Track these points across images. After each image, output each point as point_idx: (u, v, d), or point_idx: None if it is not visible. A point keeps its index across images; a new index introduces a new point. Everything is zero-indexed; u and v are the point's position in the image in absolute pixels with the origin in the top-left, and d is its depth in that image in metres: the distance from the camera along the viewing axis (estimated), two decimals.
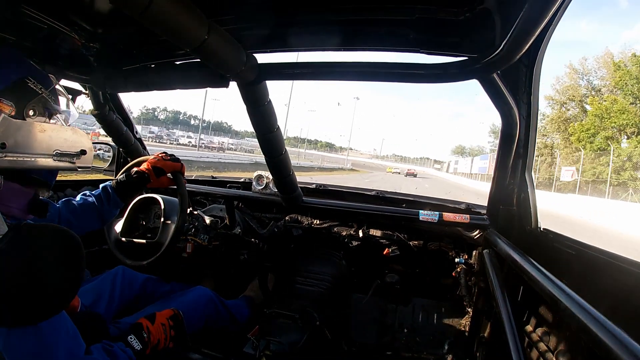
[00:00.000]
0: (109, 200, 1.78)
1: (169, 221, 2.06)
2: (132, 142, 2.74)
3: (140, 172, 1.86)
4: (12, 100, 1.05)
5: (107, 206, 1.77)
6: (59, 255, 1.00)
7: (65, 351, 1.05)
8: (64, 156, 1.17)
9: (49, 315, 0.98)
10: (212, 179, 3.08)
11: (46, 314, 0.98)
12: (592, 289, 1.30)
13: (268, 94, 1.81)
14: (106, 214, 1.79)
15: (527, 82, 1.54)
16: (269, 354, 1.64)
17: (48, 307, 0.98)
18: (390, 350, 2.52)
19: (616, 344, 0.75)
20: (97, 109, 2.46)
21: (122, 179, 1.83)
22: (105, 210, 1.77)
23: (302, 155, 70.44)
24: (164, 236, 2.00)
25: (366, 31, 1.44)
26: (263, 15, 1.42)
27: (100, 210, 1.75)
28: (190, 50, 1.26)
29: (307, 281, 2.47)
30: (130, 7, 1.02)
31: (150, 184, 1.89)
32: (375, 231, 2.51)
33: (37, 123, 1.09)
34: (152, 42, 1.76)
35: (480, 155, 64.60)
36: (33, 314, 0.94)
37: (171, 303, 1.87)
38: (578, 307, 0.94)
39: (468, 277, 2.31)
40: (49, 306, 0.98)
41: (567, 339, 1.36)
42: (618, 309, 1.17)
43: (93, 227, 1.76)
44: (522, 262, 1.39)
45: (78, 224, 1.66)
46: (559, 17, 1.23)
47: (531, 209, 1.72)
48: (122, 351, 1.31)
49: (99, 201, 1.75)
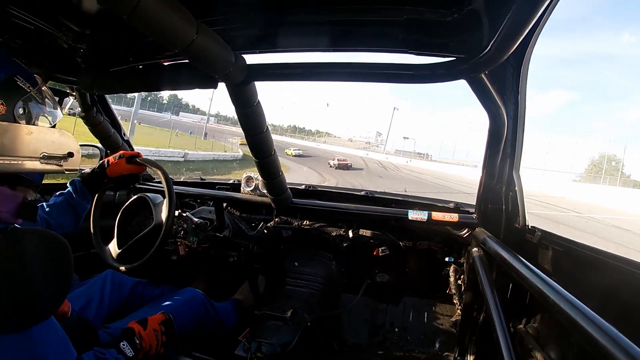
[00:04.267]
0: (77, 191, 1.88)
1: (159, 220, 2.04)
2: (120, 144, 2.72)
3: (101, 163, 1.99)
4: (2, 99, 1.04)
5: (78, 198, 1.87)
6: (47, 260, 0.98)
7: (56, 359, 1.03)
8: (51, 159, 1.15)
9: (37, 321, 0.96)
10: (200, 180, 3.07)
11: (35, 320, 0.96)
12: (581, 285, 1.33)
13: (257, 94, 1.81)
14: (78, 207, 1.87)
15: (515, 82, 1.56)
16: (261, 356, 1.64)
17: (37, 312, 0.96)
18: (381, 350, 2.53)
19: (605, 339, 0.77)
20: (85, 111, 2.44)
21: (87, 172, 1.96)
22: (77, 202, 1.86)
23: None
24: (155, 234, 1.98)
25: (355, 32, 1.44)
26: (252, 15, 1.42)
27: (72, 203, 1.84)
28: (179, 51, 1.25)
29: (297, 282, 2.47)
30: (119, 8, 1.01)
31: (109, 167, 1.97)
32: (365, 231, 2.52)
33: (23, 125, 1.08)
34: (140, 43, 1.75)
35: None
36: (21, 319, 0.93)
37: (161, 306, 1.86)
38: (567, 303, 0.96)
39: (457, 275, 2.33)
40: (38, 311, 0.96)
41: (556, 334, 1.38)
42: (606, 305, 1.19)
43: (70, 223, 1.84)
44: (511, 259, 1.41)
45: (54, 222, 1.75)
46: (546, 18, 1.24)
47: (519, 208, 1.74)
48: (115, 359, 1.30)
49: (69, 195, 1.85)
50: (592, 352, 0.80)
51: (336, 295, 2.66)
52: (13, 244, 0.93)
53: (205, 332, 2.04)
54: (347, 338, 2.60)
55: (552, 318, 1.44)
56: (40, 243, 0.99)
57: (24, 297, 0.92)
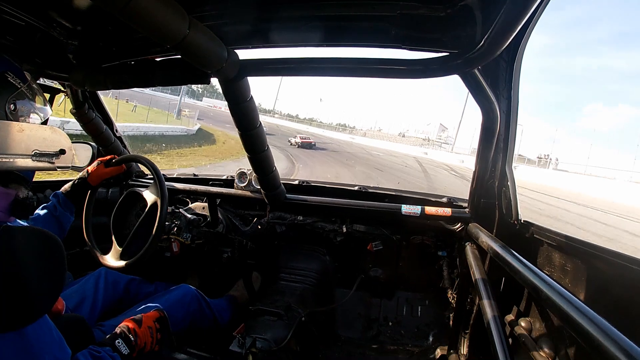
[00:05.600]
0: (60, 204, 1.89)
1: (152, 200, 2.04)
2: (112, 141, 2.70)
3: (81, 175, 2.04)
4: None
5: (61, 209, 1.89)
6: (40, 257, 0.98)
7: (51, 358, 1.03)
8: (43, 156, 1.14)
9: (31, 320, 0.96)
10: (193, 176, 3.06)
11: (29, 318, 0.95)
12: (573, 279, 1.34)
13: (250, 90, 1.80)
14: (62, 218, 1.88)
15: (508, 78, 1.57)
16: (255, 352, 1.64)
17: (30, 310, 0.95)
18: (375, 344, 2.55)
19: (597, 331, 0.78)
20: (76, 108, 2.42)
21: (68, 186, 1.99)
22: (60, 214, 1.87)
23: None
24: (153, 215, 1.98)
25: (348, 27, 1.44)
26: (244, 10, 1.41)
27: (55, 215, 1.85)
28: (171, 46, 1.24)
29: (291, 277, 2.48)
30: (110, 4, 1.00)
31: (89, 176, 2.03)
32: (359, 226, 2.53)
33: (15, 123, 1.06)
34: (132, 38, 1.73)
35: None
36: (15, 318, 0.92)
37: (155, 303, 1.86)
38: (559, 296, 0.97)
39: (451, 269, 2.35)
40: (31, 310, 0.96)
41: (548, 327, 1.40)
42: (598, 298, 1.21)
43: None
44: (504, 253, 1.42)
45: None
46: (540, 14, 1.25)
47: (512, 202, 1.75)
48: (110, 357, 1.29)
49: (53, 207, 1.86)
50: (584, 345, 0.81)
51: (330, 290, 2.67)
52: (6, 242, 0.92)
53: (199, 329, 2.04)
54: (341, 332, 2.62)
55: (544, 311, 1.45)
56: (33, 241, 0.98)
57: (17, 295, 0.91)
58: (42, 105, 1.24)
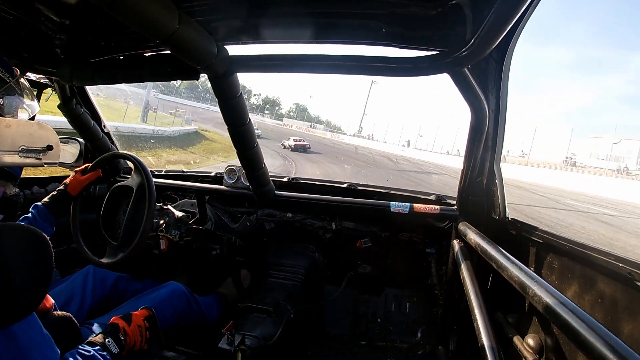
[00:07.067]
0: (40, 214, 1.84)
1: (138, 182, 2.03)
2: (100, 137, 2.68)
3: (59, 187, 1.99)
4: None
5: (40, 219, 1.83)
6: (27, 255, 0.97)
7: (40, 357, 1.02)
8: (30, 152, 1.13)
9: (18, 318, 0.94)
10: (182, 173, 3.03)
11: (16, 317, 0.94)
12: (559, 276, 1.36)
13: (239, 86, 1.80)
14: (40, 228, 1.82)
15: (497, 77, 1.59)
16: (244, 349, 1.64)
17: (17, 309, 0.94)
18: (364, 340, 2.56)
19: (582, 326, 0.79)
20: (64, 103, 2.39)
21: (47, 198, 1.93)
22: (39, 224, 1.81)
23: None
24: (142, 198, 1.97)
25: (339, 24, 1.44)
26: (235, 6, 1.40)
27: (35, 225, 1.78)
28: (160, 41, 1.24)
29: (280, 274, 2.47)
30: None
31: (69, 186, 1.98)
32: (348, 223, 2.53)
33: (1, 118, 1.05)
34: (121, 33, 1.71)
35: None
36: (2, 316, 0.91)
37: (144, 300, 1.84)
38: (546, 292, 0.98)
39: (439, 266, 2.36)
40: (18, 308, 0.94)
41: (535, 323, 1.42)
42: (583, 294, 1.23)
43: None
44: (492, 250, 1.43)
45: None
46: (530, 14, 1.27)
47: (499, 200, 1.77)
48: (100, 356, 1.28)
49: (32, 218, 1.81)
50: (570, 339, 0.83)
51: (319, 287, 2.67)
52: None
53: (188, 326, 2.03)
54: (330, 329, 2.62)
55: (531, 307, 1.47)
56: (20, 238, 0.97)
57: (3, 293, 0.89)
58: (30, 100, 1.23)
